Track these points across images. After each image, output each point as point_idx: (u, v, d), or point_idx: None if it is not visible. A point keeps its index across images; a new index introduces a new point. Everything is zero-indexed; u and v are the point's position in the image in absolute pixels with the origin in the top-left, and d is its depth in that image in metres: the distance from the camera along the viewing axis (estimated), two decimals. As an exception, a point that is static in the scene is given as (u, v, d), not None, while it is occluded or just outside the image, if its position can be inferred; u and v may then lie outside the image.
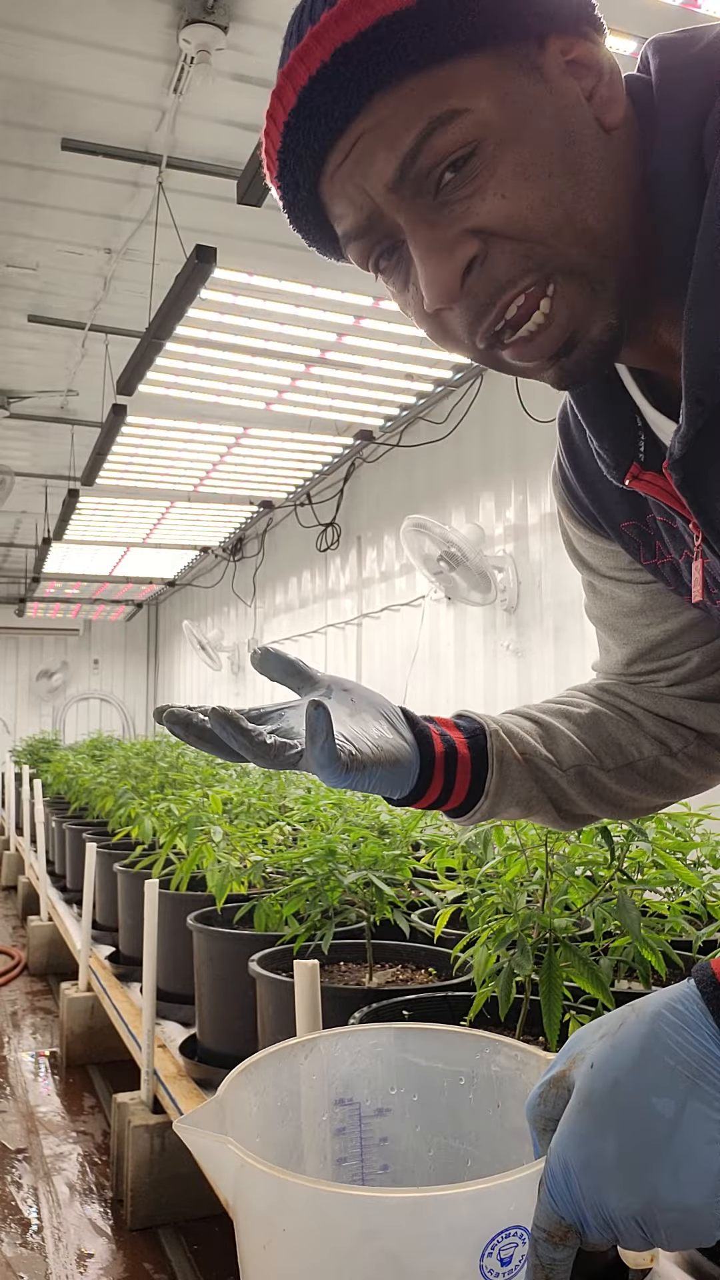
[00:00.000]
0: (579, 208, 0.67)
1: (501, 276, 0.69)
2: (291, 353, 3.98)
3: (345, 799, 2.56)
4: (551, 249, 0.68)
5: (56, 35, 3.05)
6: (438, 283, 0.69)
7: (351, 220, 0.72)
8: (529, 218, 0.67)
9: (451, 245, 0.68)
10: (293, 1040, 0.81)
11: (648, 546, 0.92)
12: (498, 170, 0.67)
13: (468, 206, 0.68)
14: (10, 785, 8.15)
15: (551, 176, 0.67)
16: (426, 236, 0.69)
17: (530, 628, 4.40)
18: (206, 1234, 2.29)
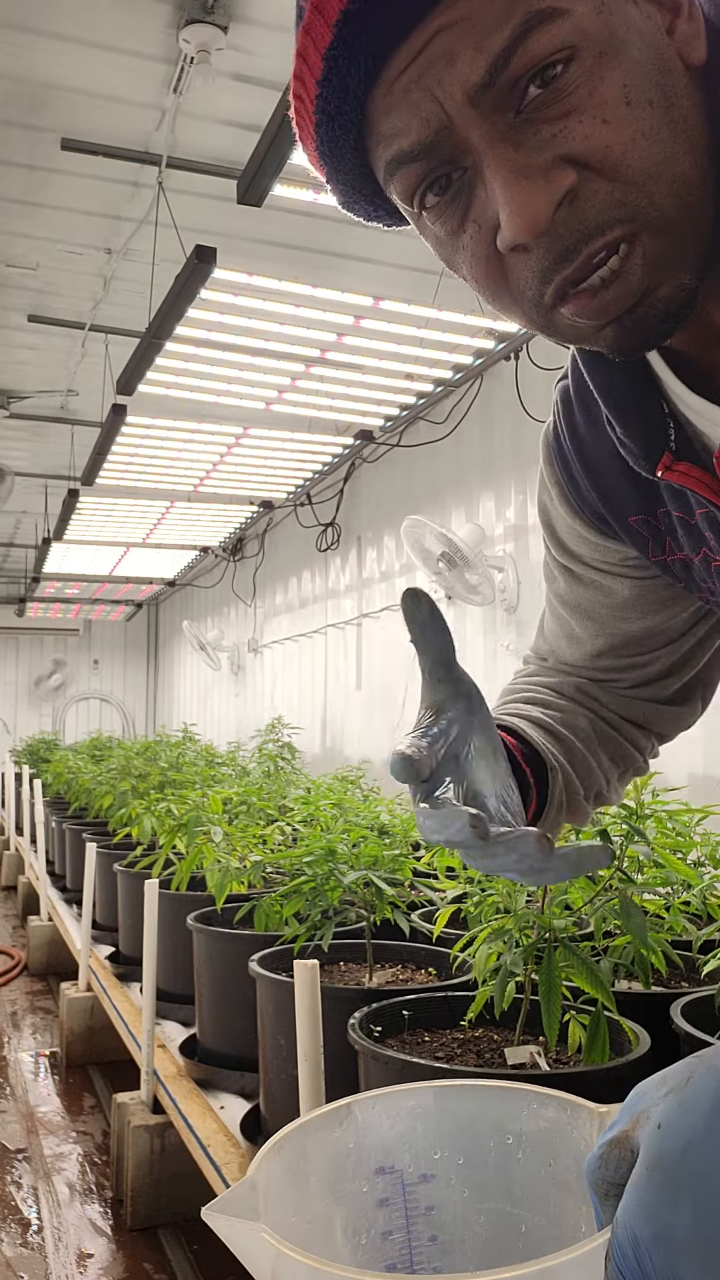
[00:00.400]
0: (676, 150, 0.59)
1: (592, 221, 0.59)
2: (291, 353, 3.98)
3: (345, 799, 2.56)
4: (647, 196, 0.59)
5: (56, 35, 3.05)
6: (527, 212, 0.58)
7: (412, 137, 0.60)
8: (630, 152, 0.57)
9: (545, 171, 0.58)
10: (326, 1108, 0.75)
11: (658, 542, 0.86)
12: (597, 89, 0.57)
13: (562, 128, 0.57)
14: (10, 785, 8.15)
15: (653, 106, 0.57)
16: (511, 159, 0.58)
17: (530, 628, 4.40)
18: (206, 1234, 2.29)
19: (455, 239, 0.64)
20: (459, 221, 0.63)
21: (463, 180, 0.61)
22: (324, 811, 2.36)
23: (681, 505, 0.81)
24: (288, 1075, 1.72)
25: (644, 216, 0.59)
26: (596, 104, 0.57)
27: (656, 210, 0.59)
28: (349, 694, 6.32)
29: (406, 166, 0.62)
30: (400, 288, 4.26)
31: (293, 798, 3.13)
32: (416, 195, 0.63)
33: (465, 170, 0.61)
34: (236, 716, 8.88)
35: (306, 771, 5.17)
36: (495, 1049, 1.45)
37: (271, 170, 2.85)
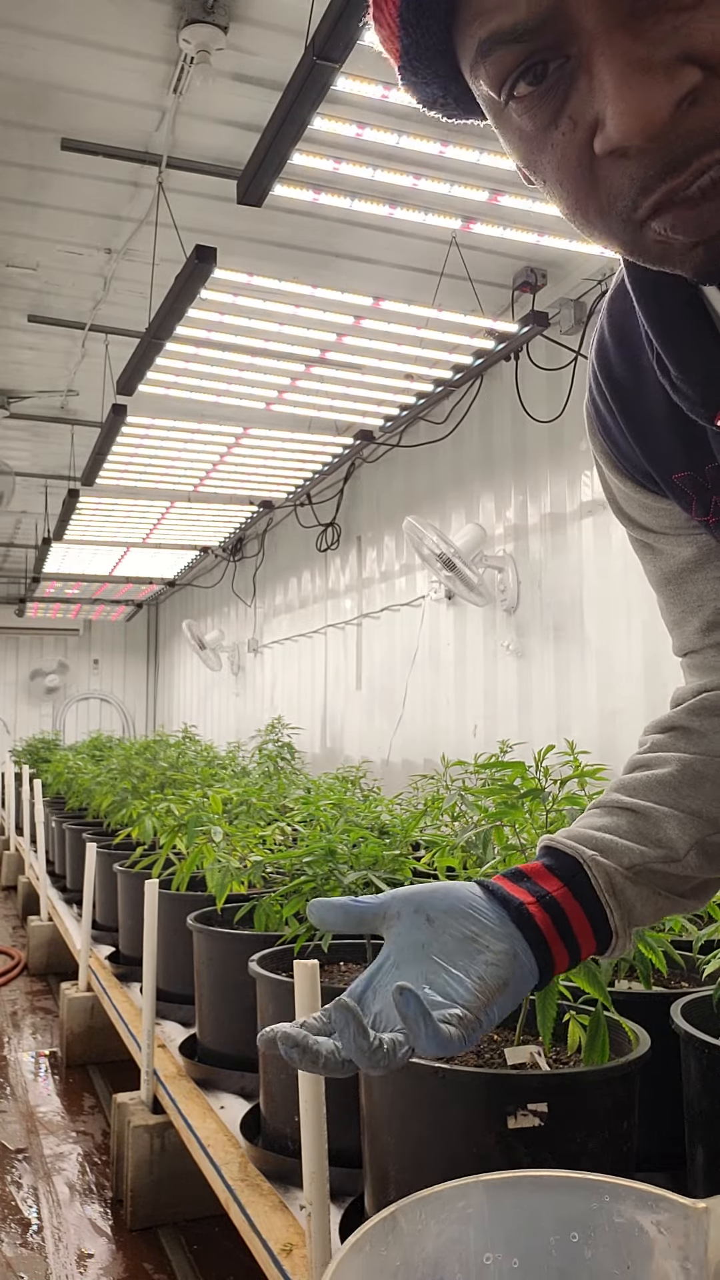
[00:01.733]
0: None
1: (712, 129, 0.51)
2: (291, 353, 3.98)
3: (345, 799, 2.56)
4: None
5: (56, 35, 3.05)
6: (645, 109, 0.50)
7: (518, 13, 0.52)
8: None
9: (667, 67, 0.50)
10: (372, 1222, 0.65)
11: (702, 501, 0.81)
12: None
13: (688, 21, 0.50)
14: (10, 785, 8.15)
15: None
16: (630, 49, 0.51)
17: (530, 628, 4.40)
18: (206, 1234, 2.29)
19: (544, 136, 0.57)
20: (552, 116, 0.56)
21: (562, 70, 0.54)
22: (324, 811, 2.36)
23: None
24: (288, 1075, 1.72)
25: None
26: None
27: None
28: (349, 694, 6.32)
29: (504, 48, 0.54)
30: (400, 288, 4.26)
31: (293, 798, 3.13)
32: (509, 82, 0.55)
33: (568, 59, 0.53)
34: (236, 716, 8.88)
35: (306, 771, 5.17)
36: (495, 1049, 1.45)
37: (271, 170, 2.85)
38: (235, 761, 4.90)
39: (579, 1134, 1.24)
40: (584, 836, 0.85)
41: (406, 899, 0.79)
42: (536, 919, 0.79)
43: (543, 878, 0.82)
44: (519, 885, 0.82)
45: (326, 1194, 1.35)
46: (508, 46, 0.54)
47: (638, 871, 0.83)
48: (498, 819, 1.50)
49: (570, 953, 0.80)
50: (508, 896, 0.80)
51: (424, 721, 5.31)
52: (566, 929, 0.80)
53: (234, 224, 4.06)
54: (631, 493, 0.89)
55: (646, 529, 0.91)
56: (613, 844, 0.84)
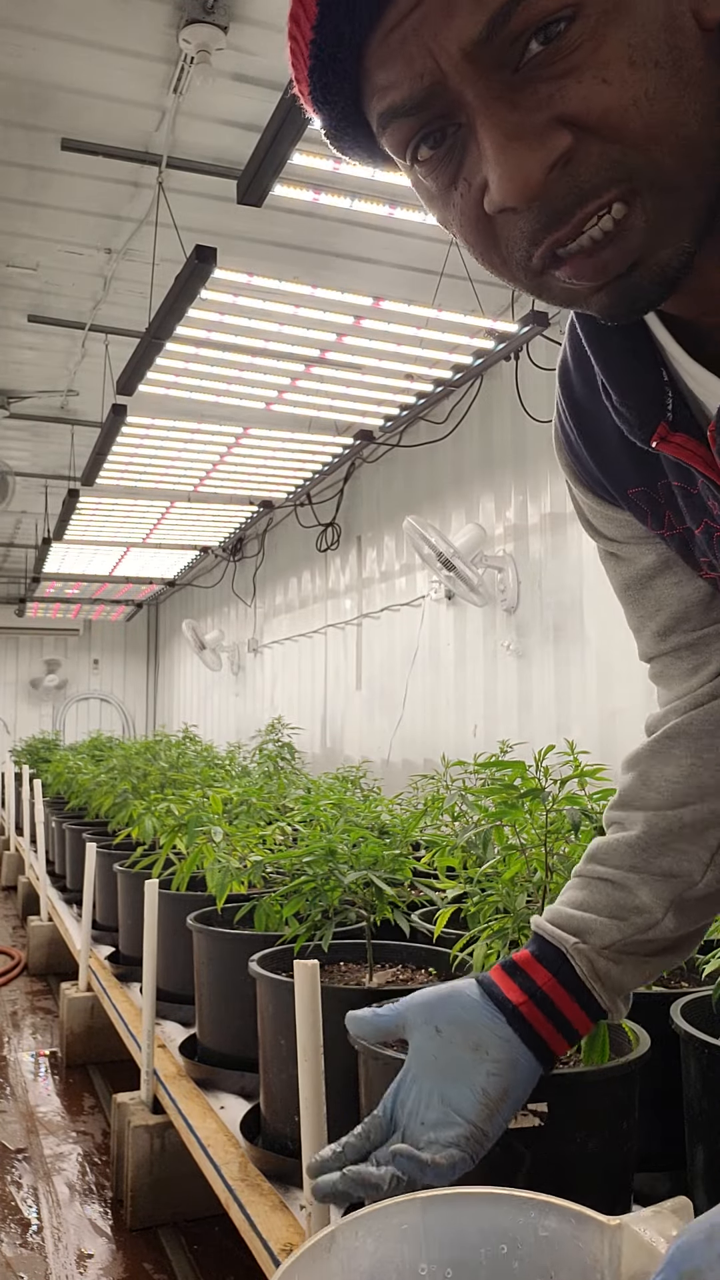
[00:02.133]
0: (682, 110, 0.56)
1: (587, 183, 0.56)
2: (291, 353, 3.98)
3: (345, 799, 2.56)
4: (647, 157, 0.56)
5: (56, 35, 3.05)
6: (519, 176, 0.55)
7: (404, 91, 0.58)
8: (630, 113, 0.55)
9: (539, 133, 0.55)
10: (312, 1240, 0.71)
11: (656, 515, 0.84)
12: (600, 48, 0.54)
13: (559, 88, 0.55)
14: (10, 785, 8.15)
15: (659, 66, 0.55)
16: (506, 119, 0.56)
17: (530, 628, 4.40)
18: (206, 1234, 2.29)
19: (447, 196, 0.62)
20: (450, 178, 0.61)
21: (457, 135, 0.59)
22: (324, 811, 2.36)
23: (683, 476, 0.78)
24: (288, 1075, 1.72)
25: (644, 176, 0.57)
26: (599, 63, 0.54)
27: (657, 170, 0.56)
28: (349, 694, 6.32)
29: (399, 120, 0.59)
30: (400, 288, 4.26)
31: (293, 798, 3.13)
32: (409, 149, 0.61)
33: (460, 125, 0.59)
34: (236, 716, 8.88)
35: (306, 771, 5.17)
36: (495, 1049, 1.45)
37: (271, 170, 2.85)
38: (235, 761, 4.90)
39: (579, 1134, 1.24)
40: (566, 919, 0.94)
41: (419, 1009, 0.92)
42: (530, 1020, 0.89)
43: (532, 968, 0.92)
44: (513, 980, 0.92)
45: (326, 1194, 1.35)
46: (401, 119, 0.59)
47: (619, 949, 0.92)
48: (498, 819, 1.50)
49: (567, 1037, 0.91)
50: (503, 1000, 0.90)
51: (424, 721, 5.31)
52: (560, 1019, 0.90)
53: (234, 224, 4.06)
54: (595, 505, 0.93)
55: (610, 539, 0.95)
56: (592, 924, 0.92)
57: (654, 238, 0.59)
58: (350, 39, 0.57)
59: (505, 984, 0.91)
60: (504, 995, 0.90)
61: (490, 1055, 0.87)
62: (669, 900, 0.93)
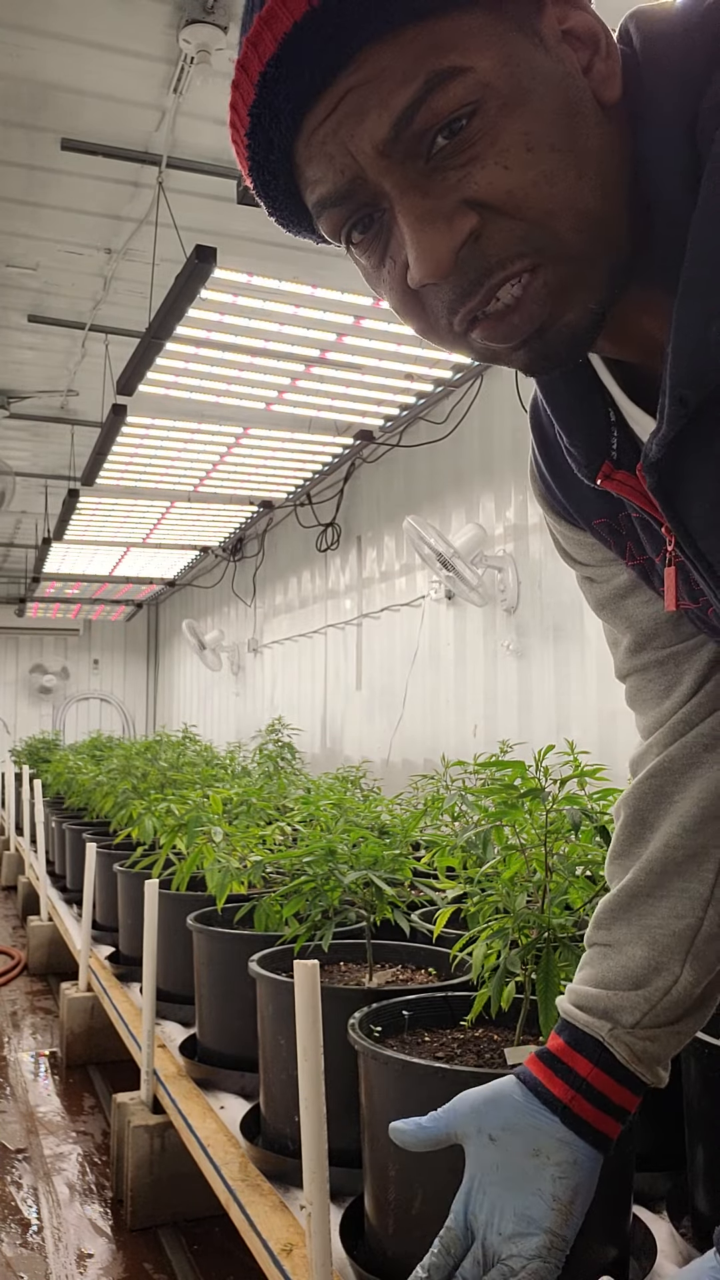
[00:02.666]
0: (581, 187, 0.62)
1: (494, 257, 0.63)
2: (291, 353, 3.98)
3: (345, 799, 2.56)
4: (548, 232, 0.62)
5: (56, 35, 3.05)
6: (432, 256, 0.63)
7: (329, 185, 0.65)
8: (530, 194, 0.61)
9: (449, 216, 0.62)
10: None
11: (619, 546, 0.88)
12: (499, 138, 0.60)
13: (465, 175, 0.61)
14: (10, 785, 8.15)
15: (555, 150, 0.61)
16: (419, 205, 0.63)
17: (530, 628, 4.40)
18: (206, 1234, 2.29)
19: (378, 273, 0.69)
20: (379, 258, 0.68)
21: (382, 220, 0.66)
22: (324, 811, 2.36)
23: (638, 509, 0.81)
24: (288, 1075, 1.72)
25: (547, 250, 0.63)
26: (499, 151, 0.61)
27: (558, 244, 0.63)
28: (349, 694, 6.32)
29: (329, 210, 0.66)
30: (400, 288, 4.25)
31: (293, 798, 3.13)
32: (341, 234, 0.68)
33: (383, 210, 0.65)
34: (236, 716, 8.88)
35: (306, 772, 5.17)
36: (495, 1049, 1.45)
37: (271, 170, 2.85)
38: (235, 761, 4.90)
39: (579, 1134, 1.24)
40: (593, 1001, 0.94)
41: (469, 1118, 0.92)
42: (584, 1115, 0.90)
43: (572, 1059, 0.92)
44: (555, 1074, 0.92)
45: (326, 1194, 1.35)
46: (331, 209, 0.66)
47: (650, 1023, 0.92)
48: (498, 819, 1.50)
49: (619, 1119, 0.92)
50: (552, 1099, 0.90)
51: (424, 721, 5.31)
52: (609, 1105, 0.91)
53: (234, 224, 4.06)
54: (567, 531, 0.97)
55: (583, 564, 0.99)
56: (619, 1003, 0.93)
57: (558, 303, 0.65)
58: (279, 143, 0.65)
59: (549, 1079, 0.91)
60: (551, 1094, 0.90)
61: (552, 1159, 0.88)
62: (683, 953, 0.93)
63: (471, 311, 0.66)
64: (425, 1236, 1.24)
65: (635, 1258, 1.32)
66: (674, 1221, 1.43)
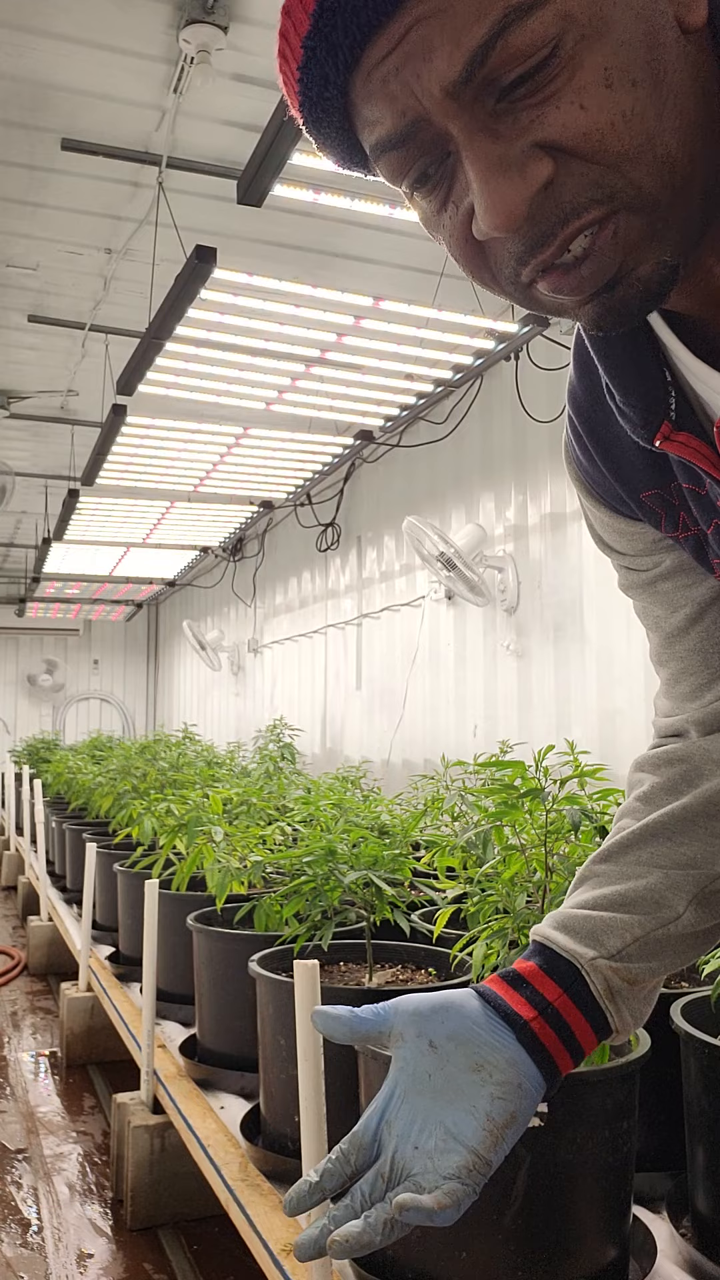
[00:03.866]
0: (661, 128, 0.57)
1: (569, 204, 0.59)
2: (291, 353, 3.98)
3: (345, 799, 2.56)
4: (626, 178, 0.58)
5: (56, 35, 3.05)
6: (503, 206, 0.58)
7: (390, 126, 0.60)
8: (609, 135, 0.56)
9: (521, 162, 0.57)
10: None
11: (670, 518, 0.84)
12: (576, 74, 0.55)
13: (539, 115, 0.57)
14: (10, 785, 8.15)
15: (636, 86, 0.56)
16: (488, 150, 0.58)
17: (530, 628, 4.40)
18: (206, 1234, 2.29)
19: (438, 219, 0.65)
20: (441, 202, 0.63)
21: (445, 163, 0.61)
22: (324, 811, 2.36)
23: (691, 477, 0.78)
24: (288, 1075, 1.72)
25: (622, 196, 0.58)
26: (575, 89, 0.56)
27: (635, 190, 0.58)
28: (349, 694, 6.32)
29: (388, 154, 0.62)
30: (400, 288, 4.26)
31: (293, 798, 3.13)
32: (401, 178, 0.63)
33: (448, 154, 0.61)
34: (236, 716, 8.88)
35: (307, 772, 5.17)
36: (495, 1049, 1.45)
37: (271, 170, 2.85)
38: (235, 761, 4.90)
39: (579, 1134, 1.24)
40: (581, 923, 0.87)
41: (410, 1019, 0.83)
42: (542, 1038, 0.82)
43: (540, 981, 0.84)
44: (519, 994, 0.84)
45: (326, 1194, 1.35)
46: (390, 152, 0.62)
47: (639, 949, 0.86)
48: (498, 819, 1.50)
49: (574, 1057, 0.84)
50: (511, 1014, 0.82)
51: (424, 722, 5.31)
52: (570, 1038, 0.83)
53: (234, 224, 4.06)
54: (607, 519, 0.92)
55: (621, 553, 0.95)
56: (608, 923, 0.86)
57: (631, 255, 0.60)
58: (334, 80, 0.60)
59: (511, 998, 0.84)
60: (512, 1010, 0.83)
61: (494, 1078, 0.80)
62: (690, 893, 0.88)
63: (542, 264, 0.61)
64: (425, 1236, 1.25)
65: (635, 1258, 1.32)
66: (674, 1221, 1.43)
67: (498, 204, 0.58)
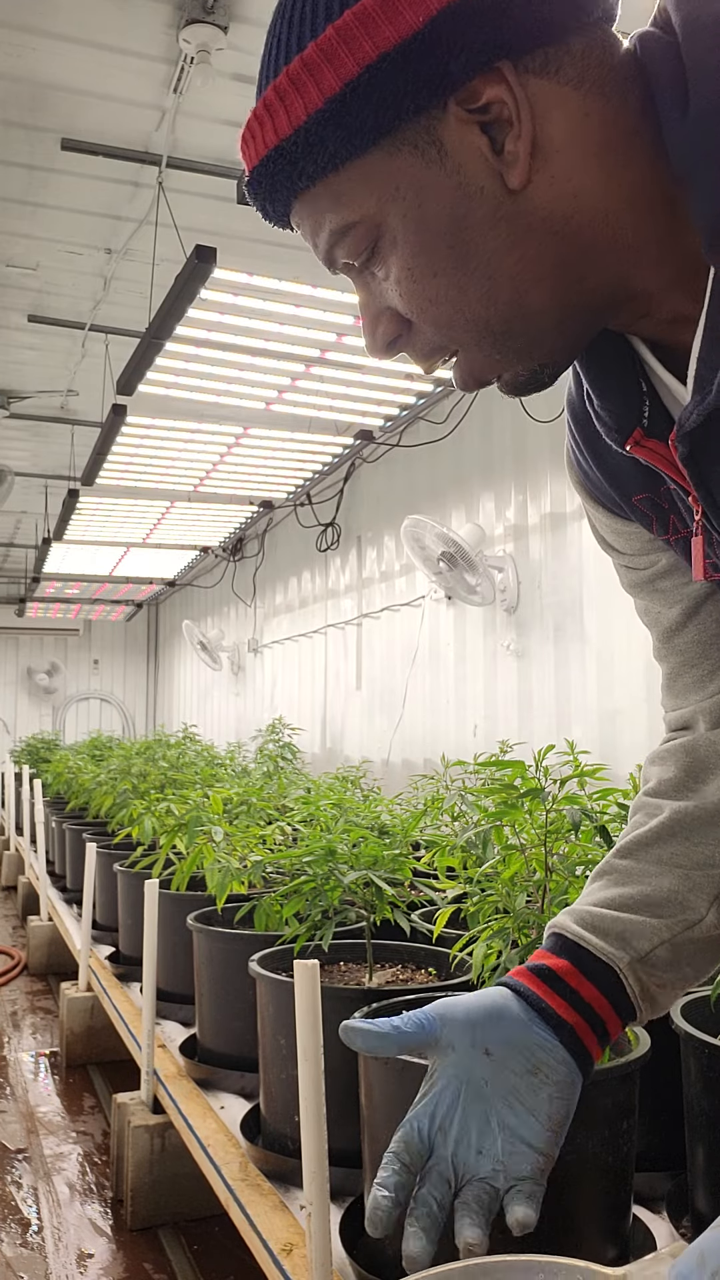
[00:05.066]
0: (465, 301, 0.71)
1: (423, 349, 0.76)
2: (291, 353, 3.98)
3: (345, 799, 2.56)
4: (449, 335, 0.74)
5: (56, 35, 3.05)
6: (373, 346, 0.77)
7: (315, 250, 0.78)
8: (426, 311, 0.72)
9: (375, 318, 0.76)
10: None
11: (661, 521, 0.88)
12: (391, 270, 0.72)
13: (382, 289, 0.75)
14: (10, 785, 8.15)
15: (435, 276, 0.71)
16: (362, 296, 0.77)
17: (530, 628, 4.40)
18: (206, 1234, 2.29)
19: None
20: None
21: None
22: (324, 811, 2.36)
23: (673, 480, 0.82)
24: (288, 1075, 1.72)
25: (455, 344, 0.75)
26: (394, 281, 0.73)
27: (460, 341, 0.74)
28: (349, 694, 6.32)
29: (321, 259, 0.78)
30: (400, 288, 4.26)
31: (293, 798, 3.13)
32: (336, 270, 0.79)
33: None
34: (236, 716, 8.88)
35: (307, 771, 5.17)
36: (495, 1049, 1.44)
37: (271, 170, 2.85)
38: (235, 761, 4.90)
39: (579, 1134, 1.24)
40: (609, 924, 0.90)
41: (461, 1028, 0.86)
42: (584, 1039, 0.87)
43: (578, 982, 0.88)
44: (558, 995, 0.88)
45: (327, 1194, 1.35)
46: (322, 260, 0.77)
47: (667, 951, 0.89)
48: (498, 819, 1.50)
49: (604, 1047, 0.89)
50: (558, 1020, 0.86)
51: (424, 721, 5.31)
52: (604, 1033, 0.88)
53: (234, 224, 4.06)
54: (606, 520, 0.97)
55: (621, 553, 0.99)
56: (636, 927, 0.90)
57: (489, 372, 0.76)
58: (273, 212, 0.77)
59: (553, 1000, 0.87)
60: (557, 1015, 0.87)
61: (551, 1079, 0.85)
62: (711, 894, 0.91)
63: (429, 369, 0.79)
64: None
65: (635, 1258, 1.32)
66: (674, 1221, 1.43)
67: (370, 345, 0.77)
